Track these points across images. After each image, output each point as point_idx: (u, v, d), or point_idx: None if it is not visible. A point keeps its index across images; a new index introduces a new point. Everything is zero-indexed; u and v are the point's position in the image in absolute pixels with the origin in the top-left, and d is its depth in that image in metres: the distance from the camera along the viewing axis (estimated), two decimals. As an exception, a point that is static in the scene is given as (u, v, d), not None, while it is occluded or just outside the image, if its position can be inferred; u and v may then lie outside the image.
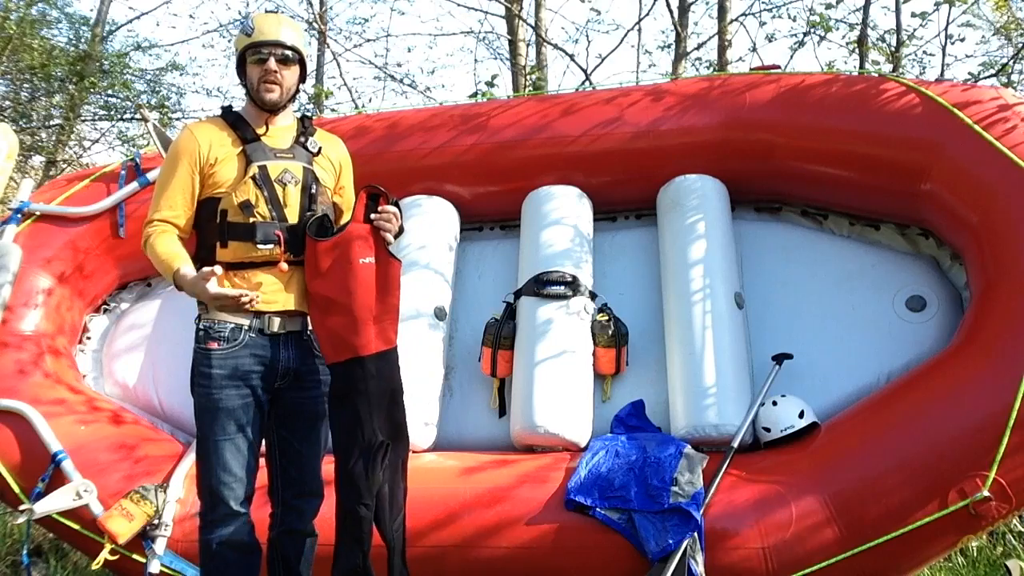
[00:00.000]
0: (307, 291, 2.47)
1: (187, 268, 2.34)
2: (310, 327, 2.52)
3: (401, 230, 2.52)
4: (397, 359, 2.50)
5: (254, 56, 2.47)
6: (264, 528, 2.56)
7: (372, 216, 2.44)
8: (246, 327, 2.42)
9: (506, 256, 4.07)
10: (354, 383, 2.40)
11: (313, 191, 2.49)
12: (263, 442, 2.53)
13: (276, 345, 2.45)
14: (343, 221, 2.69)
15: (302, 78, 2.56)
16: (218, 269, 2.27)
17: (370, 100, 10.30)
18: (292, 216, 2.46)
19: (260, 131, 2.50)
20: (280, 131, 2.54)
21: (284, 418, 2.53)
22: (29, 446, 3.30)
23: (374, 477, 2.38)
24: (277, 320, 2.45)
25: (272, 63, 2.46)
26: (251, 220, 2.41)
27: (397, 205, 2.49)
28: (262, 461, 2.55)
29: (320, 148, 2.57)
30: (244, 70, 2.51)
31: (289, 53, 2.48)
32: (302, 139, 2.55)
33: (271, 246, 2.42)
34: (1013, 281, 2.95)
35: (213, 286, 2.26)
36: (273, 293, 2.45)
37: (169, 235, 2.42)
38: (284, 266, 2.43)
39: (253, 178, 2.42)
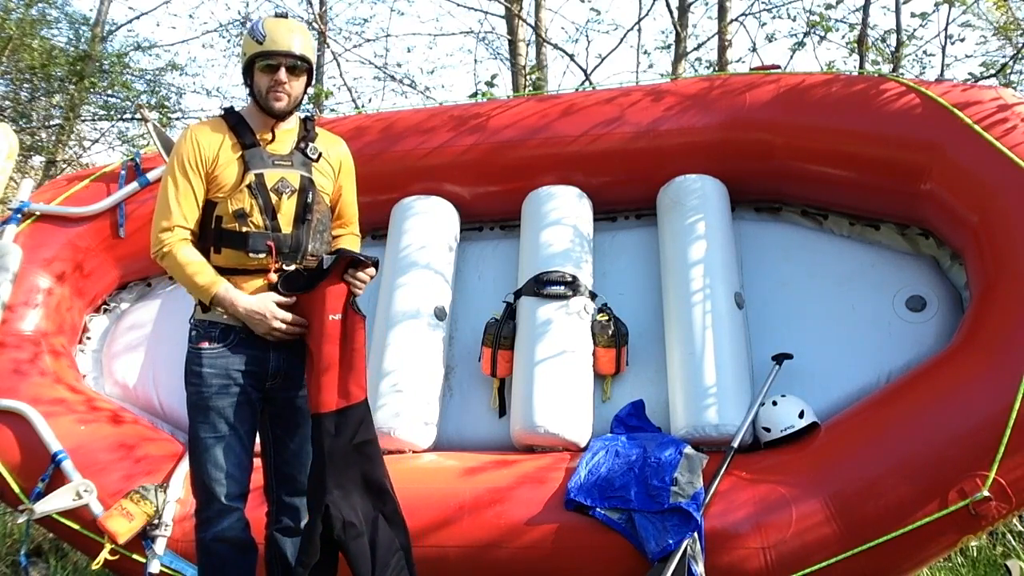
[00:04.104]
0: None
1: (226, 287, 2.38)
2: None
3: (375, 267, 2.51)
4: (365, 413, 2.45)
5: (263, 63, 2.45)
6: (260, 527, 2.57)
7: (346, 276, 2.42)
8: (237, 328, 2.43)
9: (506, 256, 4.07)
10: (313, 441, 2.40)
11: (309, 200, 2.49)
12: (256, 441, 2.54)
13: (266, 347, 2.46)
14: (339, 222, 2.71)
15: (308, 84, 2.56)
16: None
17: (370, 100, 10.33)
18: (286, 226, 2.46)
19: (265, 136, 2.50)
20: (282, 135, 2.53)
21: (277, 417, 2.55)
22: (29, 446, 3.31)
23: (313, 538, 2.32)
24: None
25: (282, 73, 2.44)
26: (244, 229, 2.42)
27: (377, 266, 2.48)
28: (257, 461, 2.56)
29: (320, 155, 2.56)
30: (251, 73, 2.49)
31: (299, 63, 2.46)
32: (303, 144, 2.54)
33: (262, 256, 2.43)
34: (1013, 281, 2.95)
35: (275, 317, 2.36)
36: None
37: (189, 246, 2.41)
38: (273, 276, 2.44)
39: (249, 186, 2.42)
